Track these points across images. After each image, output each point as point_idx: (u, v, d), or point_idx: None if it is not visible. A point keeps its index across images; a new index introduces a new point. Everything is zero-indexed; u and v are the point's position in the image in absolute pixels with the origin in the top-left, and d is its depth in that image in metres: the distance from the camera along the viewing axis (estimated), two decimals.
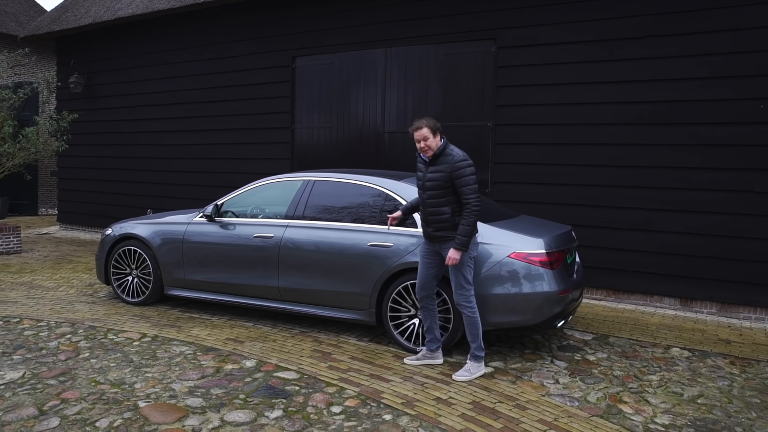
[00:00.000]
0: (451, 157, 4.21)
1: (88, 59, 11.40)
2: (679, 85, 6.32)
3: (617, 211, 6.66)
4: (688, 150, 6.31)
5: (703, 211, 6.25)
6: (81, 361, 4.44)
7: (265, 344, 4.93)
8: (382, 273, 4.88)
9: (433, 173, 4.27)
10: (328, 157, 8.61)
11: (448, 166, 4.19)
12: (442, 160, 4.24)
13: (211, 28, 9.68)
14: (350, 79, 8.42)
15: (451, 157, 4.21)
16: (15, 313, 5.67)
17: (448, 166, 4.19)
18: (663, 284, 6.49)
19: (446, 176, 4.20)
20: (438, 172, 4.24)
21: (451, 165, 4.19)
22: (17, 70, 14.52)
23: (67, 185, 12.01)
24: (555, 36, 6.92)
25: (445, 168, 4.21)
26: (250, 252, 5.48)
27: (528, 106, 7.11)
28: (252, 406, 3.71)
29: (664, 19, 6.36)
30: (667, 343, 5.28)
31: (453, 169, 4.17)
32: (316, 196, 5.43)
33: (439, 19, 7.65)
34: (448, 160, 4.21)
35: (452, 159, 4.20)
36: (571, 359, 4.83)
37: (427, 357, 4.56)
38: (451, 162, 4.20)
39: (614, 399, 4.06)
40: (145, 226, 6.12)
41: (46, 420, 3.47)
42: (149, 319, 5.63)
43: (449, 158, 4.21)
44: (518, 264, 4.57)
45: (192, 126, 9.98)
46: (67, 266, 8.31)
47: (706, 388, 4.30)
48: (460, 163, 4.17)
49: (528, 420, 3.66)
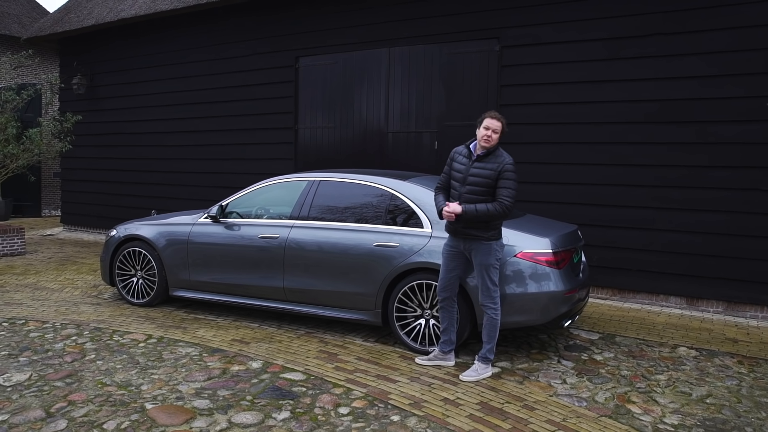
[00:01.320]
0: (502, 158, 4.25)
1: (91, 60, 11.40)
2: (685, 83, 6.30)
3: (623, 210, 6.64)
4: (694, 148, 6.29)
5: (708, 210, 6.23)
6: (87, 362, 4.44)
7: (271, 345, 4.92)
8: (388, 273, 4.87)
9: (479, 169, 4.27)
10: (331, 158, 8.60)
11: (498, 165, 4.21)
12: (493, 159, 4.25)
13: (214, 29, 9.67)
14: (353, 78, 8.40)
15: (501, 158, 4.24)
16: (20, 315, 5.67)
17: (498, 165, 4.21)
18: (669, 283, 6.47)
19: (494, 175, 4.21)
20: (486, 169, 4.24)
21: (501, 165, 4.21)
22: (20, 72, 14.54)
23: (70, 186, 12.01)
24: (559, 35, 6.90)
25: (494, 167, 4.22)
26: (255, 253, 5.47)
27: (532, 105, 7.10)
28: (259, 408, 3.70)
29: (669, 17, 6.34)
30: (674, 342, 5.27)
31: (502, 169, 4.20)
32: (321, 196, 5.42)
33: (442, 18, 7.63)
34: (498, 161, 4.23)
35: (503, 160, 4.23)
36: (578, 359, 4.81)
37: (438, 358, 4.54)
38: (501, 163, 4.22)
39: (622, 399, 4.04)
40: (150, 227, 6.12)
41: (54, 422, 3.46)
42: (154, 320, 5.63)
43: (500, 159, 4.24)
44: (525, 264, 4.56)
45: (195, 127, 9.98)
46: (72, 268, 8.31)
47: (715, 388, 4.28)
48: (509, 165, 4.22)
49: (536, 420, 3.64)
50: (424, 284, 4.75)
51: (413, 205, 5.00)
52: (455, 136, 7.34)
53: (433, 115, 7.82)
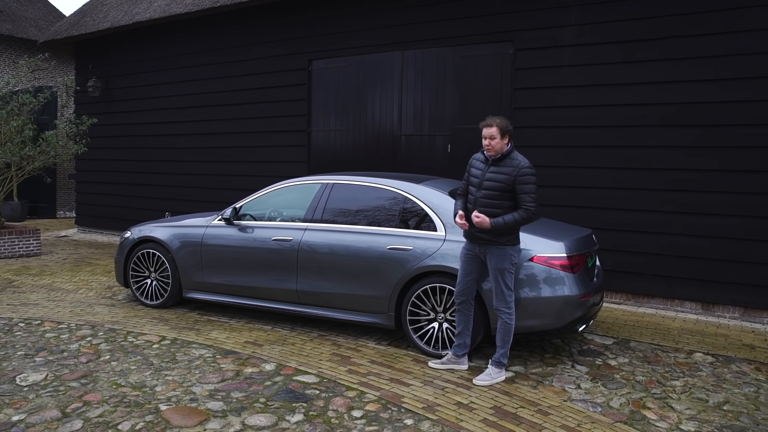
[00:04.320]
0: (517, 161, 4.19)
1: (106, 63, 11.51)
2: (699, 87, 6.24)
3: (637, 213, 6.59)
4: (709, 152, 6.23)
5: (723, 214, 6.16)
6: (102, 363, 4.46)
7: (284, 347, 4.93)
8: (401, 276, 4.86)
9: (494, 173, 4.24)
10: (344, 160, 8.61)
11: (514, 170, 4.16)
12: (507, 164, 4.21)
13: (228, 32, 9.73)
14: (367, 81, 8.41)
15: (516, 162, 4.19)
16: (36, 315, 5.72)
17: (514, 170, 4.16)
18: (684, 288, 6.41)
19: (509, 179, 4.17)
20: (501, 174, 4.21)
21: (516, 170, 4.16)
22: (37, 75, 14.70)
23: (85, 188, 12.12)
24: (573, 37, 6.86)
25: (509, 171, 4.18)
26: (269, 255, 5.49)
27: (546, 109, 7.07)
28: (273, 410, 3.70)
29: (683, 20, 6.29)
30: (689, 347, 5.21)
31: (519, 174, 4.15)
32: (335, 199, 5.42)
33: (456, 21, 7.62)
34: (513, 164, 4.19)
35: (518, 164, 4.18)
36: (593, 364, 4.77)
37: (452, 362, 4.52)
38: (516, 167, 4.17)
39: (638, 405, 4.01)
40: (164, 229, 6.15)
41: (69, 422, 3.48)
42: (168, 321, 5.65)
43: (515, 162, 4.19)
44: (539, 268, 4.53)
45: (209, 129, 10.03)
46: (86, 269, 8.38)
47: (732, 395, 4.23)
48: (526, 169, 4.16)
49: (551, 425, 3.62)
50: (438, 288, 4.74)
51: (427, 208, 4.99)
52: (468, 140, 7.33)
53: (446, 118, 7.81)
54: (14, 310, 5.94)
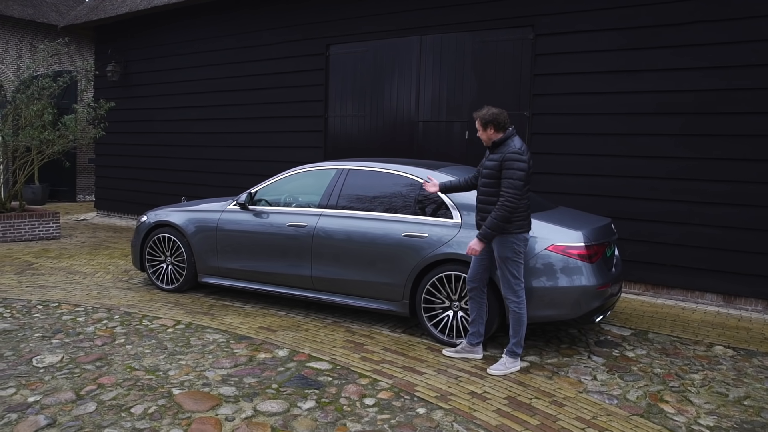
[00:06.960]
0: (507, 148, 4.14)
1: (124, 48, 11.54)
2: (727, 73, 6.07)
3: (657, 203, 6.46)
4: (735, 141, 6.07)
5: (747, 204, 6.01)
6: (117, 346, 4.49)
7: (298, 334, 4.92)
8: (416, 264, 4.82)
9: (489, 161, 4.23)
10: (361, 146, 8.55)
11: (502, 155, 4.13)
12: (500, 150, 4.18)
13: (245, 17, 9.68)
14: (384, 67, 8.33)
15: (506, 148, 4.14)
16: (54, 298, 5.78)
17: (502, 155, 4.13)
18: (705, 279, 6.28)
19: (497, 165, 4.13)
20: (492, 161, 4.19)
21: (503, 155, 4.11)
22: (57, 59, 14.79)
23: (103, 172, 12.22)
24: (595, 22, 6.71)
25: (497, 158, 4.15)
26: (284, 241, 5.47)
27: (567, 95, 6.93)
28: (285, 396, 3.69)
29: (709, 3, 6.11)
30: (709, 340, 5.11)
31: (504, 159, 4.10)
32: (350, 185, 5.38)
33: (475, 5, 7.49)
34: (503, 150, 4.15)
35: (506, 149, 4.13)
36: (609, 355, 4.70)
37: (466, 350, 4.48)
38: (504, 152, 4.13)
39: (655, 398, 3.93)
40: (180, 213, 6.16)
41: (83, 404, 3.50)
42: (183, 306, 5.68)
43: (505, 148, 4.15)
44: (556, 257, 4.46)
45: (225, 114, 10.03)
46: (104, 252, 8.45)
47: (753, 389, 4.14)
48: (510, 155, 4.08)
49: (565, 417, 3.56)
50: (453, 275, 4.68)
51: (443, 195, 4.93)
52: None
53: (464, 104, 7.71)
54: (33, 293, 6.01)
